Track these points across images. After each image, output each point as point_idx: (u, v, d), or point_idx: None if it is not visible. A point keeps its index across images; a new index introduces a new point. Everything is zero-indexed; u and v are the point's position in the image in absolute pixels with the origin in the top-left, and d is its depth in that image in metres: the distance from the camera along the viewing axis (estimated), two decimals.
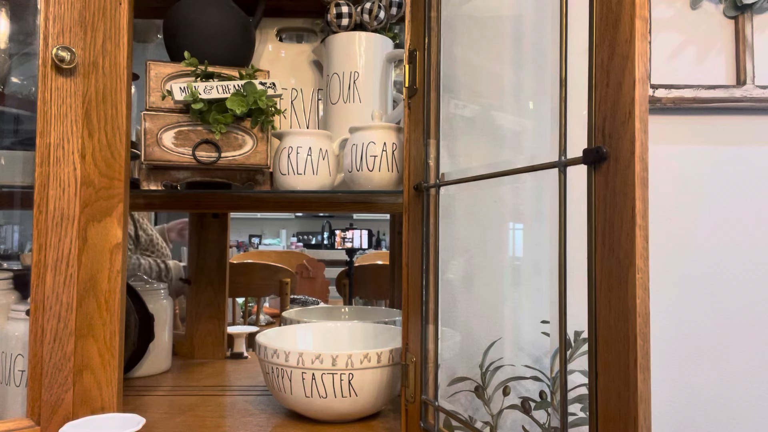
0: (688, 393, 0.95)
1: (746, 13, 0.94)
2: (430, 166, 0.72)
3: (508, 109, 0.91)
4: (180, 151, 0.84)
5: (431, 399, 0.71)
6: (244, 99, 0.84)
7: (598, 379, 0.43)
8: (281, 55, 1.10)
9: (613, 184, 0.42)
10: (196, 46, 0.90)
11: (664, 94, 0.94)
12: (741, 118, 0.96)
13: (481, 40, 0.92)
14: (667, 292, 0.94)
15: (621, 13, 0.41)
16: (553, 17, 0.51)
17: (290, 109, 1.07)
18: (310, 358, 0.78)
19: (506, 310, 0.91)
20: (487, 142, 0.92)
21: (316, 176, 0.88)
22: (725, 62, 0.96)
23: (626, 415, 0.40)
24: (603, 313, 0.43)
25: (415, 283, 0.72)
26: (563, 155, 0.48)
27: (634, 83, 0.40)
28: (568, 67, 0.48)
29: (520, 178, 0.89)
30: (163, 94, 0.85)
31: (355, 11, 1.00)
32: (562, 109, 0.48)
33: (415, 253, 0.73)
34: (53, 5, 0.66)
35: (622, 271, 0.41)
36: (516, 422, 0.76)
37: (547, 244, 0.88)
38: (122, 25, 0.70)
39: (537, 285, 0.89)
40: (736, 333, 0.95)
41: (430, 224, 0.71)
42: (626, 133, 0.41)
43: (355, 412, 0.82)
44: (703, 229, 0.95)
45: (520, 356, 0.84)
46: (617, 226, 0.41)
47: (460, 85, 0.87)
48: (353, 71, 0.99)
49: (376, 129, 0.86)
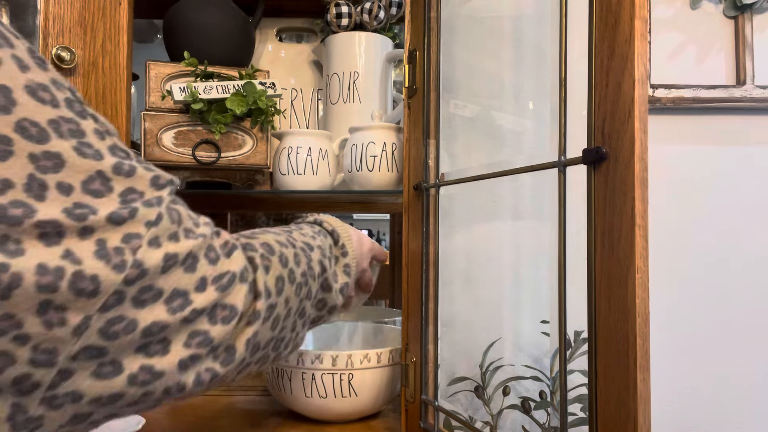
0: (688, 393, 0.95)
1: (746, 13, 0.94)
2: (430, 166, 0.72)
3: (508, 109, 0.91)
4: (180, 151, 0.84)
5: (431, 399, 0.71)
6: (244, 99, 0.84)
7: (597, 379, 0.43)
8: (281, 55, 1.10)
9: (613, 184, 0.42)
10: (195, 46, 0.90)
11: (664, 94, 0.95)
12: (741, 118, 0.96)
13: (480, 41, 0.92)
14: (667, 292, 0.94)
15: (620, 14, 0.41)
16: (553, 17, 0.51)
17: (290, 109, 1.07)
18: (309, 358, 0.78)
19: (506, 310, 0.91)
20: (486, 142, 0.92)
21: (316, 176, 0.88)
22: (725, 62, 0.96)
23: (626, 415, 0.40)
24: (603, 313, 0.43)
25: (414, 283, 0.73)
26: (563, 155, 0.48)
27: (633, 83, 0.40)
28: (567, 67, 0.48)
29: (519, 178, 0.89)
30: (163, 94, 0.85)
31: (355, 11, 1.00)
32: (561, 109, 0.48)
33: (414, 252, 0.73)
34: (53, 5, 0.66)
35: (622, 271, 0.41)
36: (516, 422, 0.76)
37: (547, 244, 0.88)
38: (122, 25, 0.70)
39: (537, 285, 0.89)
40: (736, 333, 0.95)
41: (430, 224, 0.71)
42: (626, 133, 0.41)
43: (355, 412, 0.82)
44: (703, 229, 0.95)
45: (520, 356, 0.84)
46: (617, 226, 0.41)
47: (459, 85, 0.87)
48: (353, 71, 0.99)
49: (376, 129, 0.86)
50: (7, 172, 0.26)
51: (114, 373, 0.32)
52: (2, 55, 0.28)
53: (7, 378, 0.28)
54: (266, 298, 0.42)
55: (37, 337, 0.28)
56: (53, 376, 0.29)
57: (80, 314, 0.29)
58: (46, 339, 0.28)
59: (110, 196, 0.30)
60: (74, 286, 0.28)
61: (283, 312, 0.46)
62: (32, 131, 0.28)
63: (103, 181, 0.30)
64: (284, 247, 0.48)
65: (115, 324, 0.31)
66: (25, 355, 0.28)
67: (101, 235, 0.30)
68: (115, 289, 0.30)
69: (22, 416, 0.29)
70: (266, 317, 0.42)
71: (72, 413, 0.31)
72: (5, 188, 0.26)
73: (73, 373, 0.30)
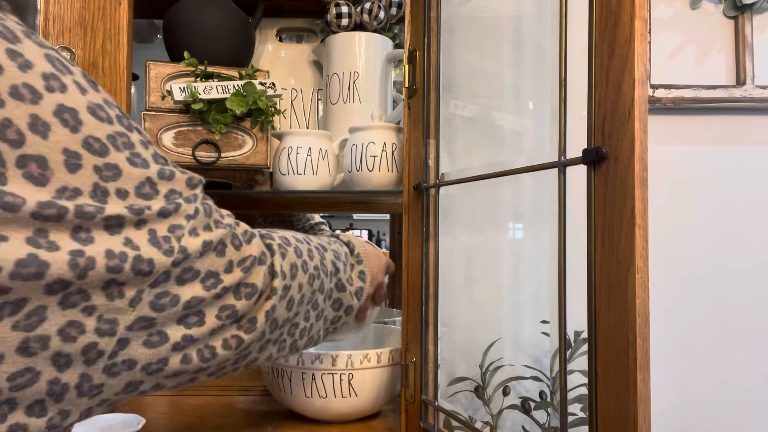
0: (688, 393, 0.95)
1: (746, 13, 0.94)
2: (430, 166, 0.72)
3: (508, 109, 0.91)
4: (180, 151, 0.84)
5: (431, 399, 0.71)
6: (244, 99, 0.84)
7: (597, 379, 0.43)
8: (281, 55, 1.10)
9: (613, 184, 0.42)
10: (195, 46, 0.90)
11: (664, 94, 0.95)
12: (741, 118, 0.96)
13: (481, 41, 0.92)
14: (667, 292, 0.94)
15: (620, 14, 0.41)
16: (553, 17, 0.51)
17: (290, 109, 1.07)
18: (309, 358, 0.78)
19: (506, 310, 0.91)
20: (486, 142, 0.92)
21: (316, 176, 0.88)
22: (725, 62, 0.96)
23: (626, 416, 0.40)
24: (603, 313, 0.43)
25: (414, 283, 0.73)
26: (563, 155, 0.48)
27: (633, 83, 0.40)
28: (567, 67, 0.48)
29: (519, 178, 0.89)
30: (163, 94, 0.85)
31: (355, 11, 1.00)
32: (561, 109, 0.48)
33: (414, 253, 0.73)
34: (53, 5, 0.66)
35: (622, 271, 0.41)
36: (516, 422, 0.76)
37: (547, 244, 0.88)
38: (122, 25, 0.70)
39: (537, 285, 0.89)
40: (736, 333, 0.95)
41: (430, 224, 0.71)
42: (626, 133, 0.41)
43: (355, 412, 0.82)
44: (703, 229, 0.95)
45: (520, 356, 0.84)
46: (617, 226, 0.41)
47: (459, 85, 0.87)
48: (353, 71, 0.99)
49: (376, 129, 0.86)
50: (77, 181, 0.32)
51: (161, 342, 0.38)
52: (66, 81, 0.33)
53: (78, 346, 0.33)
54: (282, 278, 0.49)
55: (101, 308, 0.34)
56: (114, 345, 0.35)
57: (134, 288, 0.35)
58: (108, 309, 0.34)
59: (157, 198, 0.37)
60: (135, 267, 0.34)
61: (297, 296, 0.51)
62: (96, 146, 0.33)
63: (151, 186, 0.37)
64: (300, 243, 0.55)
65: (162, 298, 0.37)
66: (92, 324, 0.33)
67: (152, 226, 0.36)
68: (164, 270, 0.37)
69: (87, 384, 0.35)
70: (282, 296, 0.49)
71: (127, 381, 0.37)
72: (75, 195, 0.32)
73: (129, 341, 0.36)
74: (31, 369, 0.32)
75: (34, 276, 0.30)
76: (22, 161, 0.30)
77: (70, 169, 0.32)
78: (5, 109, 0.30)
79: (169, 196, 0.37)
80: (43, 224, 0.31)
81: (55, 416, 0.34)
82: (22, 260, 0.30)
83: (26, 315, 0.31)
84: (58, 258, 0.31)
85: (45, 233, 0.31)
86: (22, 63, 0.31)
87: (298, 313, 0.53)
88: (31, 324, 0.31)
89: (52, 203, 0.31)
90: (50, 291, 0.31)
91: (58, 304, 0.32)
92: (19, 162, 0.30)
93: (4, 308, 0.30)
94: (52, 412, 0.33)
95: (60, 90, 0.32)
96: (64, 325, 0.32)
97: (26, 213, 0.30)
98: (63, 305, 0.32)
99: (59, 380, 0.33)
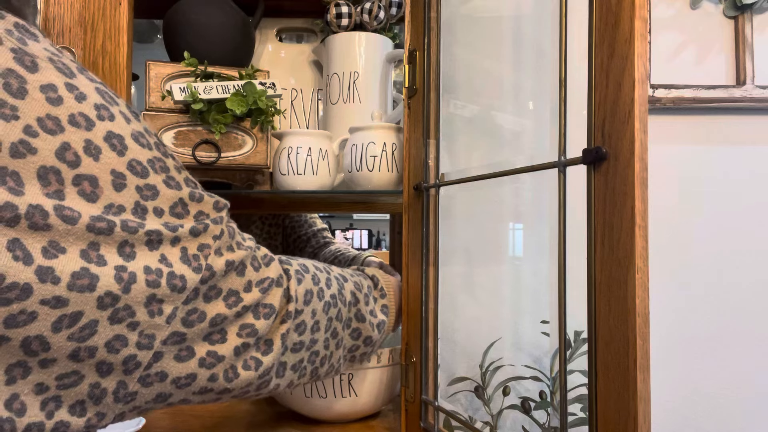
0: (688, 393, 0.95)
1: (746, 13, 0.94)
2: (430, 166, 0.72)
3: (508, 109, 0.91)
4: (180, 151, 0.84)
5: (431, 399, 0.71)
6: (244, 99, 0.84)
7: (597, 379, 0.43)
8: (281, 55, 1.10)
9: (613, 184, 0.42)
10: (196, 46, 0.90)
11: (664, 94, 0.95)
12: (741, 118, 0.96)
13: (480, 41, 0.92)
14: (667, 292, 0.94)
15: (620, 14, 0.41)
16: (553, 17, 0.51)
17: (290, 109, 1.07)
18: None
19: (506, 310, 0.91)
20: (486, 142, 0.92)
21: (316, 176, 0.88)
22: (725, 62, 0.96)
23: (626, 416, 0.40)
24: (603, 313, 0.43)
25: (414, 283, 0.73)
26: (563, 155, 0.48)
27: (633, 83, 0.40)
28: (567, 67, 0.48)
29: (519, 178, 0.89)
30: (163, 94, 0.85)
31: (355, 11, 1.00)
32: (561, 110, 0.48)
33: (414, 253, 0.73)
34: (53, 5, 0.66)
35: (622, 271, 0.41)
36: (516, 422, 0.76)
37: (547, 244, 0.88)
38: (122, 25, 0.70)
39: (537, 285, 0.89)
40: (736, 333, 0.95)
41: (430, 224, 0.71)
42: (626, 133, 0.41)
43: (355, 412, 0.82)
44: (703, 230, 0.95)
45: (520, 356, 0.84)
46: (617, 226, 0.41)
47: (459, 85, 0.87)
48: (353, 71, 0.99)
49: (376, 129, 0.86)
50: (121, 199, 0.36)
51: (189, 357, 0.41)
52: (114, 111, 0.37)
53: (120, 358, 0.36)
54: (295, 302, 0.51)
55: (143, 324, 0.37)
56: (150, 357, 0.38)
57: (171, 306, 0.38)
58: (149, 326, 0.37)
59: (188, 217, 0.40)
60: (170, 282, 0.37)
61: (310, 321, 0.54)
62: (138, 169, 0.37)
63: (183, 206, 0.40)
64: (318, 271, 0.58)
65: (191, 314, 0.40)
66: (134, 338, 0.37)
67: (184, 244, 0.39)
68: (194, 287, 0.39)
69: (123, 390, 0.38)
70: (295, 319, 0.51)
71: (158, 391, 0.40)
72: (120, 211, 0.36)
73: (163, 355, 0.39)
74: (77, 372, 0.35)
75: (87, 288, 0.33)
76: (78, 180, 0.34)
77: (116, 188, 0.36)
78: (65, 134, 0.33)
79: (197, 217, 0.41)
80: (96, 237, 0.34)
81: (93, 417, 0.37)
82: (76, 272, 0.33)
83: (81, 328, 0.34)
84: (106, 272, 0.34)
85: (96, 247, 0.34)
86: (78, 95, 0.35)
87: (317, 341, 0.55)
88: (84, 336, 0.34)
89: (102, 218, 0.34)
90: (102, 305, 0.34)
91: (108, 319, 0.35)
92: (75, 180, 0.33)
93: (63, 320, 0.33)
94: (90, 413, 0.36)
95: (109, 119, 0.36)
96: (111, 339, 0.36)
97: (82, 226, 0.33)
98: (112, 320, 0.35)
99: (99, 384, 0.36)
